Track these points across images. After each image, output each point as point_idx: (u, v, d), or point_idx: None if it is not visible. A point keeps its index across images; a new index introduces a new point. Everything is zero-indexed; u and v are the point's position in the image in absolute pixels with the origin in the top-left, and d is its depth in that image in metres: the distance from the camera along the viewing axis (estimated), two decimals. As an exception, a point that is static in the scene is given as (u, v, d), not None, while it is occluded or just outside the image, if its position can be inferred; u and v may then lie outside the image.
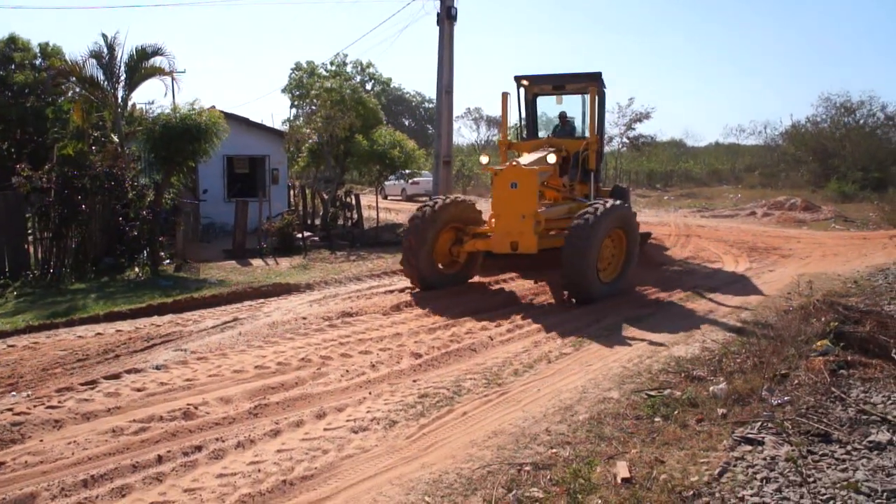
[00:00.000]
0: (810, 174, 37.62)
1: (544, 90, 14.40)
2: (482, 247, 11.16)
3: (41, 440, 5.18)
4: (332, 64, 24.39)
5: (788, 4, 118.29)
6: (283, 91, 24.40)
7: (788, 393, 5.75)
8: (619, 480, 4.29)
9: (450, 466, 4.59)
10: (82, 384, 6.49)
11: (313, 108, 21.57)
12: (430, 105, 66.24)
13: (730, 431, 5.04)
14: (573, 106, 14.52)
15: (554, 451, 4.84)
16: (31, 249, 13.40)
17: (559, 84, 14.05)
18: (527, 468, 4.55)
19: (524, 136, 14.32)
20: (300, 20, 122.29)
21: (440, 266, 11.39)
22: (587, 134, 13.25)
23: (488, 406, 5.82)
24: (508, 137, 14.04)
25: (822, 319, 7.81)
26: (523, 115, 14.18)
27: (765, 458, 4.52)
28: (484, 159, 11.84)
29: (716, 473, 4.36)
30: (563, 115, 14.47)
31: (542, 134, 14.91)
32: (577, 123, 14.33)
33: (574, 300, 10.17)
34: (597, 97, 12.91)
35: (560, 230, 11.22)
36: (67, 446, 5.03)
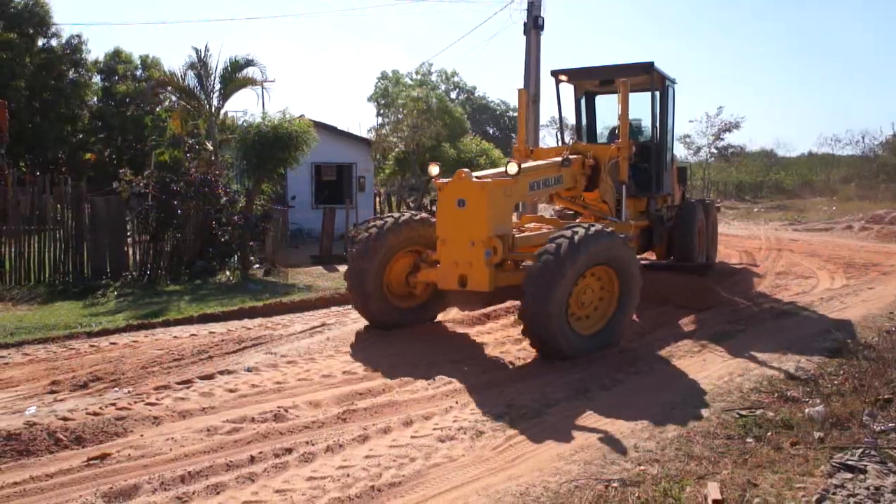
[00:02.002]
0: (914, 186, 35.81)
1: (595, 87, 12.65)
2: (434, 278, 8.69)
3: (142, 435, 5.41)
4: (417, 73, 24.75)
5: (890, 7, 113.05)
6: (369, 100, 24.93)
7: (893, 419, 5.48)
8: (710, 502, 4.17)
9: (536, 479, 4.56)
10: (178, 383, 6.76)
11: (399, 116, 21.93)
12: (515, 114, 66.17)
13: (828, 457, 4.84)
14: (642, 105, 12.33)
15: (642, 468, 4.76)
16: (130, 251, 14.04)
17: (605, 78, 12.11)
18: (614, 485, 4.48)
19: (565, 140, 12.89)
20: (386, 29, 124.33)
21: (394, 299, 9.10)
22: (655, 137, 11.80)
23: (575, 419, 5.76)
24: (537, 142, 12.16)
25: (929, 342, 7.42)
26: (565, 116, 12.69)
27: (868, 488, 4.31)
28: (434, 170, 8.87)
29: (813, 500, 4.19)
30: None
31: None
32: (646, 125, 12.48)
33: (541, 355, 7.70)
34: (657, 94, 11.64)
35: None
36: (166, 442, 5.24)
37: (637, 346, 8.23)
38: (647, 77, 11.52)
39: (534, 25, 17.19)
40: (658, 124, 12.10)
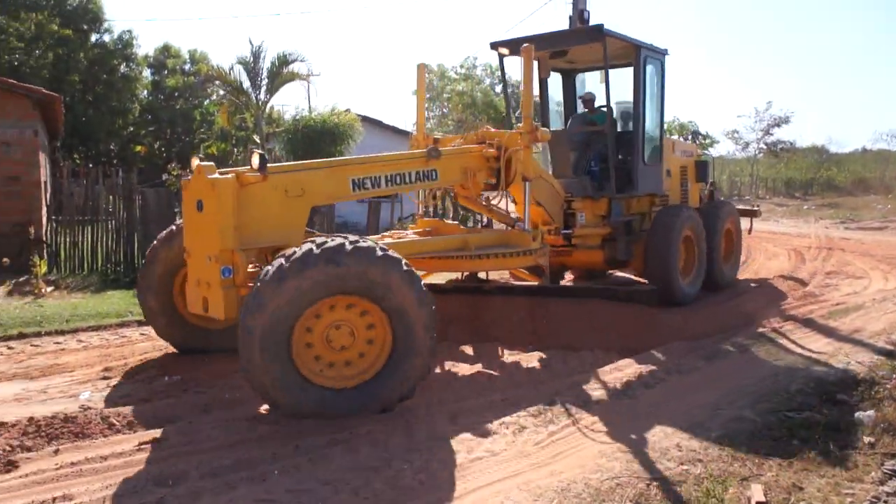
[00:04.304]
0: (975, 184, 34.64)
1: (546, 59, 10.72)
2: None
3: (191, 422, 5.54)
4: (462, 67, 24.71)
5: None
6: (414, 93, 24.99)
7: (949, 426, 5.34)
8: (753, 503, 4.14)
9: (578, 476, 4.56)
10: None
11: (445, 111, 21.99)
12: (560, 108, 65.66)
13: (878, 463, 4.73)
14: (623, 83, 10.25)
15: (684, 467, 4.72)
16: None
17: (551, 48, 10.06)
18: (656, 483, 4.46)
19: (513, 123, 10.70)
20: (432, 23, 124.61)
21: (200, 320, 7.14)
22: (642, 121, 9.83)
23: (618, 417, 5.74)
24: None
25: None
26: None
27: (922, 497, 4.21)
28: (195, 162, 6.49)
29: (863, 506, 4.12)
30: (586, 98, 10.74)
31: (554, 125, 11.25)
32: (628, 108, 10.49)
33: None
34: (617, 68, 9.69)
35: None
36: (213, 430, 5.36)
37: (428, 414, 5.78)
38: (593, 41, 9.50)
39: (579, 19, 16.94)
40: (633, 104, 9.99)
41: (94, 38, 32.66)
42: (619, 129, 10.56)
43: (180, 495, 4.26)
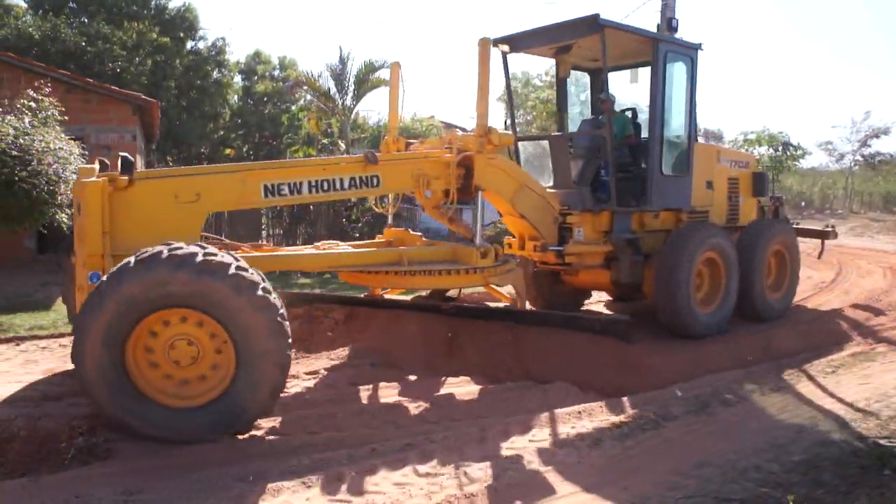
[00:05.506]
0: None
1: (578, 60, 9.82)
2: None
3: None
4: (546, 74, 24.59)
5: None
6: (498, 100, 25.04)
7: None
8: (839, 533, 3.98)
9: (652, 492, 4.50)
10: (307, 373, 7.14)
11: (529, 118, 21.95)
12: (645, 116, 64.27)
13: (983, 500, 4.48)
14: (678, 79, 9.15)
15: (764, 490, 4.58)
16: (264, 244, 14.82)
17: (552, 43, 9.06)
18: (734, 505, 4.35)
19: (515, 126, 9.12)
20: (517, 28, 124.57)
21: None
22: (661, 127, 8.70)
23: (694, 434, 5.62)
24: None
25: None
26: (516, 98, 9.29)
27: None
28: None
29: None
30: (604, 100, 9.21)
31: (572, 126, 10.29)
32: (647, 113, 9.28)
33: None
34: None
35: None
36: (292, 431, 5.52)
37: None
38: (587, 33, 8.41)
39: (667, 27, 16.69)
40: (650, 106, 8.79)
41: (189, 45, 33.95)
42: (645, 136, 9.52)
43: (259, 492, 4.41)
